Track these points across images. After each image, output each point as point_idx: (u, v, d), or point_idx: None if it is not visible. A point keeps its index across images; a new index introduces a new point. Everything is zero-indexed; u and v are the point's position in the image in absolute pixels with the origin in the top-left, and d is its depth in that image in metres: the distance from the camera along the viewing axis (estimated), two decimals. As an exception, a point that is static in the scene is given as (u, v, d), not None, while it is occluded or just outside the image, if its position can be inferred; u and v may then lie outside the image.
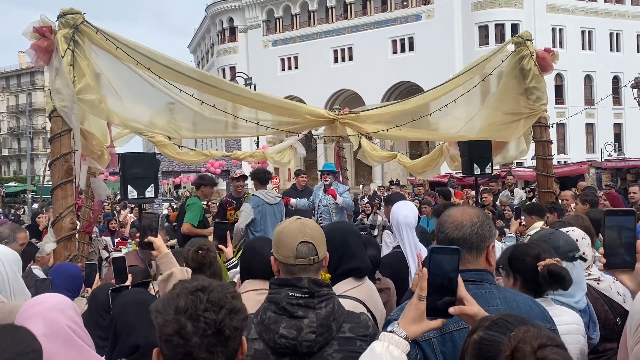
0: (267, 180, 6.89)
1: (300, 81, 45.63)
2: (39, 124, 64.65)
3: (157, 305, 1.30)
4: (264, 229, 6.46)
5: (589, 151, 40.95)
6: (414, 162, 10.17)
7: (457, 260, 1.46)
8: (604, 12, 43.21)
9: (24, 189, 40.04)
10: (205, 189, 7.12)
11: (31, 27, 4.70)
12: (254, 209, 6.45)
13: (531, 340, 1.21)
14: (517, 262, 2.44)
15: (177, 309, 1.26)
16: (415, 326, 1.46)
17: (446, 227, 1.88)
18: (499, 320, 1.34)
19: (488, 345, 1.28)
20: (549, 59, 6.21)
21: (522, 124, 6.30)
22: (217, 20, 52.34)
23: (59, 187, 4.80)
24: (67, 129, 4.79)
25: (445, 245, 1.52)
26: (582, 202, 6.13)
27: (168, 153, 8.13)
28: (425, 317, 1.46)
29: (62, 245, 4.78)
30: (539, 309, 1.86)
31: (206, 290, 1.30)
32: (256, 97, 5.88)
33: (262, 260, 2.62)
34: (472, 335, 1.36)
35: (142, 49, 4.98)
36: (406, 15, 43.67)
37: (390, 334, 1.47)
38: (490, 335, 1.30)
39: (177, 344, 1.24)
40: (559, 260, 2.43)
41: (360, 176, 44.23)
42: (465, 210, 1.91)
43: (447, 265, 1.45)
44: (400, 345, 1.44)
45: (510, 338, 1.24)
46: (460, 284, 1.50)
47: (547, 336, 1.24)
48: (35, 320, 1.66)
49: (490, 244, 1.87)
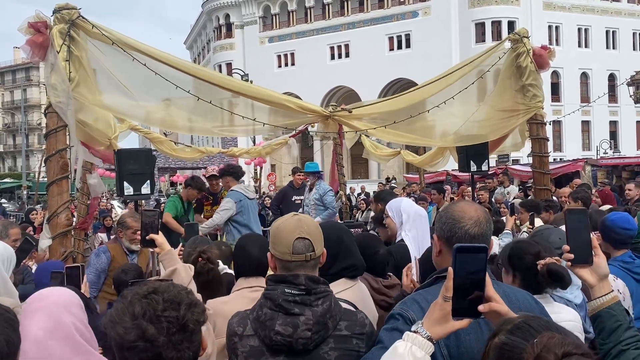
0: (241, 175, 6.94)
1: (297, 78, 45.54)
2: (34, 120, 64.37)
3: (110, 317, 1.27)
4: (247, 223, 6.53)
5: (584, 149, 41.07)
6: (421, 157, 10.15)
7: (485, 258, 1.41)
8: (601, 10, 43.29)
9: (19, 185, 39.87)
10: (190, 191, 7.22)
11: (26, 23, 4.67)
12: (237, 204, 6.47)
13: (555, 348, 1.15)
14: (516, 259, 2.44)
15: (134, 315, 1.24)
16: (440, 327, 1.41)
17: (464, 223, 1.79)
18: (521, 324, 1.28)
19: (510, 352, 1.23)
20: (545, 56, 6.22)
21: (516, 121, 6.32)
22: (214, 17, 52.18)
23: (55, 183, 4.78)
24: (63, 124, 4.77)
25: (470, 244, 1.46)
26: (574, 200, 6.15)
27: (164, 149, 8.08)
28: (451, 318, 1.41)
29: (58, 242, 4.76)
30: (538, 307, 1.84)
31: (159, 292, 1.29)
32: (251, 91, 5.86)
33: (249, 258, 2.61)
34: (493, 338, 1.31)
35: (138, 45, 4.96)
36: (403, 12, 43.63)
37: (414, 334, 1.42)
38: (512, 340, 1.25)
39: (143, 349, 1.22)
40: (559, 259, 2.42)
41: (356, 173, 44.23)
42: (475, 206, 1.84)
43: (474, 264, 1.40)
44: (424, 346, 1.40)
45: (534, 345, 1.18)
46: (488, 282, 1.45)
47: (572, 344, 1.17)
48: (39, 315, 1.64)
49: (492, 241, 1.89)
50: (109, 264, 4.77)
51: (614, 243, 3.47)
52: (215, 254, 3.09)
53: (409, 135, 6.97)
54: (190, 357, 1.28)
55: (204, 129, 6.67)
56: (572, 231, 1.73)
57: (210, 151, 9.91)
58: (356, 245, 2.74)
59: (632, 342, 1.68)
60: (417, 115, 6.32)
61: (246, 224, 6.49)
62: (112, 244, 5.01)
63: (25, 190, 34.00)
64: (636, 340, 1.68)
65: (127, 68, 4.99)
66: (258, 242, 2.72)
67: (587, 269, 1.73)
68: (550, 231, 3.11)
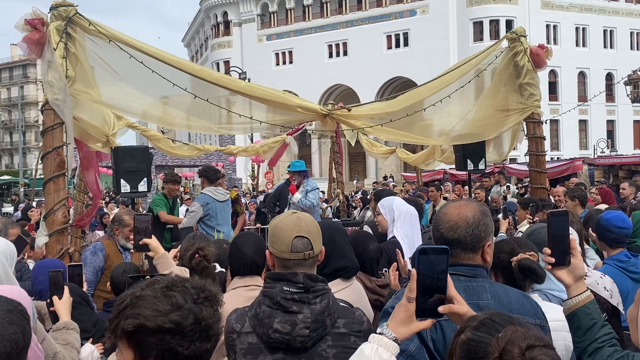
0: (216, 178, 6.97)
1: (295, 76, 45.50)
2: (31, 117, 64.19)
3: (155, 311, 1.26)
4: (214, 225, 6.67)
5: (581, 148, 41.16)
6: (415, 156, 10.16)
7: (447, 260, 1.43)
8: (598, 9, 43.35)
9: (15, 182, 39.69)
10: (168, 185, 7.35)
11: (23, 20, 4.65)
12: (203, 207, 6.61)
13: (519, 341, 1.20)
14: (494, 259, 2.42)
15: (177, 305, 1.28)
16: (405, 328, 1.44)
17: (441, 227, 1.84)
18: (486, 320, 1.33)
19: (476, 347, 1.27)
20: (542, 55, 6.22)
21: (512, 120, 6.33)
22: (212, 14, 52.08)
23: (51, 180, 4.75)
24: (60, 122, 4.75)
25: (433, 246, 1.50)
26: (571, 199, 6.14)
27: (161, 147, 8.06)
28: (415, 318, 1.44)
29: (54, 239, 4.73)
30: (531, 306, 1.84)
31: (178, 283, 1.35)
32: (249, 88, 5.84)
33: (242, 257, 2.59)
34: (459, 335, 1.34)
35: (135, 43, 4.94)
36: (401, 11, 43.62)
37: (379, 336, 1.45)
38: (477, 336, 1.29)
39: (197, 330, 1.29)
40: (534, 254, 2.40)
41: (354, 171, 44.26)
42: (462, 210, 1.84)
43: (436, 265, 1.43)
44: (389, 347, 1.43)
45: (499, 339, 1.23)
46: (450, 283, 1.48)
47: (535, 336, 1.23)
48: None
49: (487, 242, 1.83)
50: (105, 262, 4.75)
51: (609, 242, 3.47)
52: (212, 252, 3.09)
53: (407, 134, 6.99)
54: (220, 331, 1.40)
55: (201, 126, 6.68)
56: (554, 233, 1.77)
57: (208, 149, 9.90)
58: (350, 246, 2.73)
59: (607, 339, 1.73)
60: (414, 113, 6.32)
61: (213, 227, 6.66)
62: (106, 241, 4.96)
63: (22, 187, 33.86)
64: (611, 337, 1.74)
65: (124, 66, 4.97)
66: (253, 242, 2.70)
67: (564, 270, 1.78)
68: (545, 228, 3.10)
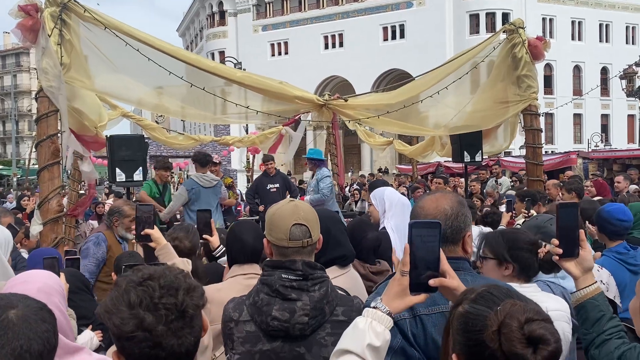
0: (206, 162, 7.17)
1: (290, 67, 45.28)
2: (24, 106, 63.67)
3: (105, 307, 1.22)
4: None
5: (576, 141, 41.31)
6: (413, 147, 10.14)
7: (439, 233, 1.45)
8: (594, 3, 43.36)
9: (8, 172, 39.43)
10: (158, 172, 7.54)
11: (16, 6, 4.59)
12: (189, 192, 6.83)
13: (518, 315, 1.19)
14: (516, 251, 2.42)
15: (130, 304, 1.19)
16: (399, 301, 1.46)
17: None
18: (484, 293, 1.31)
19: (474, 320, 1.26)
20: (540, 46, 6.21)
21: (510, 111, 6.33)
22: (207, 4, 51.69)
23: (46, 168, 4.71)
24: (54, 109, 4.70)
25: (425, 220, 1.51)
26: (568, 191, 6.15)
27: (157, 136, 8.02)
28: (409, 292, 1.45)
29: (49, 228, 4.71)
30: None
31: (154, 278, 1.23)
32: (246, 78, 5.81)
33: (241, 246, 2.59)
34: (457, 307, 1.33)
35: (131, 30, 4.89)
36: (397, 2, 43.46)
37: (373, 310, 1.46)
38: (475, 309, 1.27)
39: (142, 338, 1.18)
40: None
41: (349, 163, 44.25)
42: (439, 202, 1.80)
43: (429, 239, 1.45)
44: (383, 320, 1.44)
45: (497, 312, 1.22)
46: (443, 257, 1.49)
47: (534, 310, 1.22)
48: None
49: (466, 233, 1.81)
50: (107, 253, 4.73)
51: (609, 234, 3.48)
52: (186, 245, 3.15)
53: (404, 124, 6.97)
54: (192, 342, 1.24)
55: (197, 114, 6.65)
56: (563, 225, 1.78)
57: (203, 139, 9.85)
58: (346, 234, 2.72)
59: (614, 331, 1.74)
60: (411, 105, 6.31)
61: (195, 211, 6.74)
62: (107, 232, 4.93)
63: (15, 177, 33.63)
64: (618, 329, 1.75)
65: (119, 53, 4.92)
66: (252, 229, 2.70)
67: (573, 262, 1.80)
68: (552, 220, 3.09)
